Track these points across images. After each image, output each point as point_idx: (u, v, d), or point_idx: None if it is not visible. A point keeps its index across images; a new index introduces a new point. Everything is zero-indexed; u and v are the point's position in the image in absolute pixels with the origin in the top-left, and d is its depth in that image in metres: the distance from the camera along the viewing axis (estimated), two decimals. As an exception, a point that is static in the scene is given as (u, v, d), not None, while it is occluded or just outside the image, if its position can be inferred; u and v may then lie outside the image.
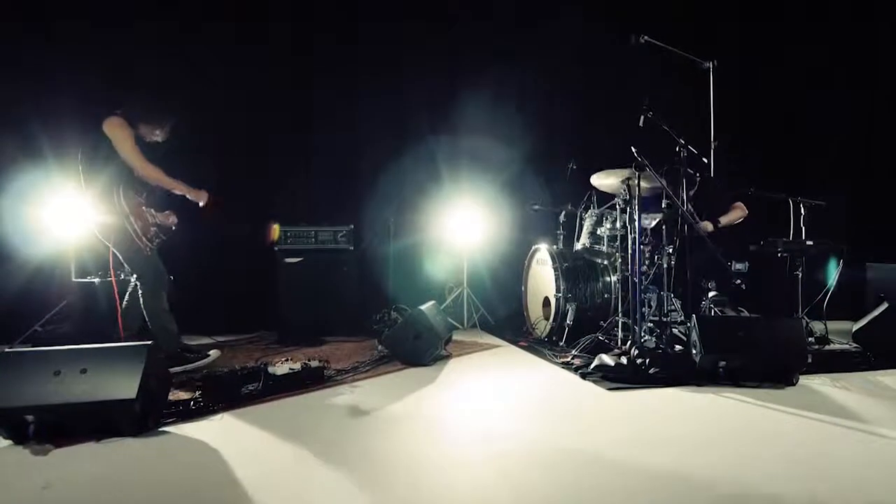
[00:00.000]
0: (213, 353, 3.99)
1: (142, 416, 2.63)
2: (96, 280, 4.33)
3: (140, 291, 3.55)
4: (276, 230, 5.24)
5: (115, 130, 3.50)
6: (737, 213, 4.71)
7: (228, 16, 5.53)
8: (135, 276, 3.60)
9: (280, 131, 5.73)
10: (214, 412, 2.96)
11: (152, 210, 3.74)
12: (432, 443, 2.62)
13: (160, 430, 2.71)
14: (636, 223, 3.87)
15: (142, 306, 3.62)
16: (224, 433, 2.70)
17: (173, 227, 3.86)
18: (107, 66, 5.07)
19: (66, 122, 4.90)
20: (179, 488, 2.14)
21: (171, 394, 3.06)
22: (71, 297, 4.70)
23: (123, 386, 2.56)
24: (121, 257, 3.54)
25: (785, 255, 4.35)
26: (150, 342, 2.74)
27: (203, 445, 2.55)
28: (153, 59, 5.21)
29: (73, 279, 4.59)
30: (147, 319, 3.66)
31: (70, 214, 4.72)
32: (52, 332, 4.48)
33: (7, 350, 2.61)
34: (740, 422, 2.82)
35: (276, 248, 5.22)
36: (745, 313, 4.83)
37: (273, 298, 5.20)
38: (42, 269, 4.89)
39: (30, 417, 2.51)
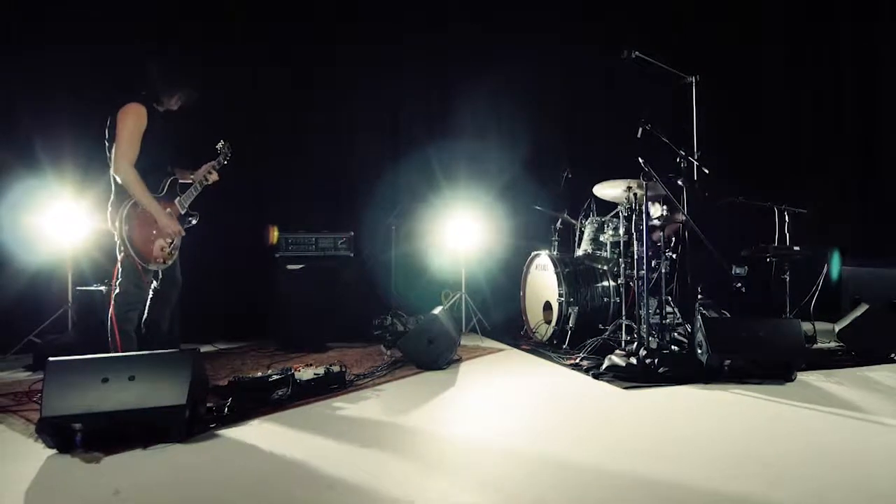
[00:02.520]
0: None
1: (189, 423, 2.65)
2: (102, 288, 4.26)
3: (112, 301, 3.23)
4: (274, 233, 5.25)
5: (128, 118, 3.17)
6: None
7: (225, 17, 5.52)
8: (116, 282, 3.26)
9: (279, 137, 5.75)
10: (251, 417, 2.99)
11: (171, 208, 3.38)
12: (482, 437, 2.72)
13: (204, 436, 2.73)
14: (643, 230, 4.07)
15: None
16: (268, 437, 2.74)
17: (226, 156, 3.61)
18: (104, 68, 5.00)
19: (63, 129, 4.84)
20: (247, 490, 2.19)
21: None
22: (73, 305, 4.62)
23: (173, 392, 2.58)
24: (118, 264, 3.25)
25: (773, 259, 4.62)
26: (195, 348, 2.76)
27: (254, 449, 2.59)
28: (149, 62, 5.16)
29: (77, 288, 4.51)
30: (110, 333, 3.22)
31: (67, 222, 4.65)
32: (53, 342, 4.38)
33: (53, 359, 2.59)
34: (758, 415, 3.03)
35: (276, 256, 5.23)
36: (727, 315, 5.11)
37: (274, 306, 5.21)
38: (39, 277, 4.79)
39: (77, 425, 2.50)
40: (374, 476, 2.30)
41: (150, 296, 3.32)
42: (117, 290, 3.25)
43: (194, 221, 3.53)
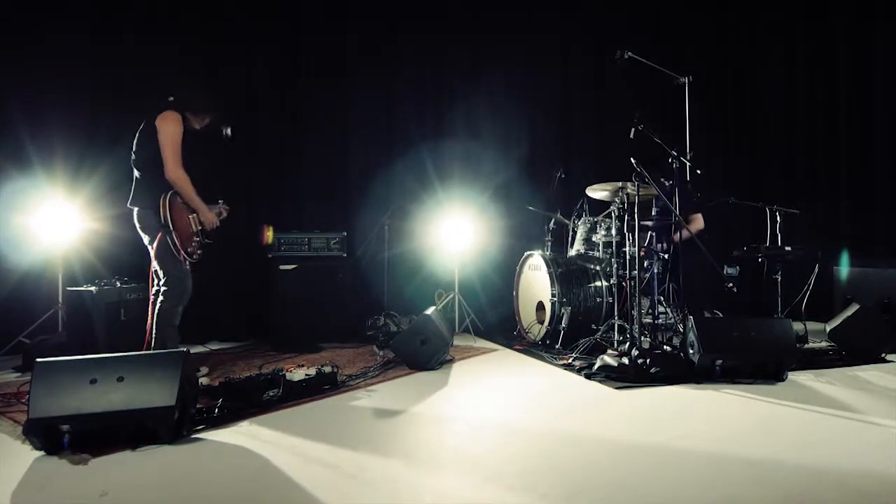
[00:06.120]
0: (203, 369, 3.96)
1: (178, 424, 2.64)
2: (93, 289, 4.23)
3: (160, 298, 3.47)
4: (269, 234, 5.22)
5: (169, 125, 3.40)
6: (695, 226, 4.93)
7: (219, 15, 5.49)
8: (161, 281, 3.49)
9: (272, 137, 5.74)
10: (241, 418, 2.98)
11: (198, 214, 3.60)
12: (473, 437, 2.72)
13: (193, 437, 2.72)
14: (634, 229, 4.08)
15: (154, 313, 3.52)
16: (258, 438, 2.72)
17: (221, 215, 3.81)
18: (97, 67, 5.01)
19: (55, 128, 4.81)
20: (236, 492, 2.18)
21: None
22: (63, 306, 4.59)
23: (161, 393, 2.57)
24: (155, 261, 3.44)
25: (765, 259, 4.64)
26: (184, 349, 2.74)
27: (243, 451, 2.58)
28: (138, 62, 5.14)
29: (67, 288, 4.47)
30: (153, 328, 3.51)
31: (58, 222, 4.62)
32: (42, 343, 4.34)
33: (41, 360, 2.57)
34: (749, 415, 3.04)
35: (269, 256, 5.21)
36: (719, 314, 5.13)
37: (267, 306, 5.20)
38: (29, 278, 4.75)
39: (65, 427, 2.48)
40: (366, 477, 2.29)
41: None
42: (165, 288, 3.46)
43: (209, 241, 3.75)
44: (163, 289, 3.47)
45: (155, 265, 3.47)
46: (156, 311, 3.47)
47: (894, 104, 5.92)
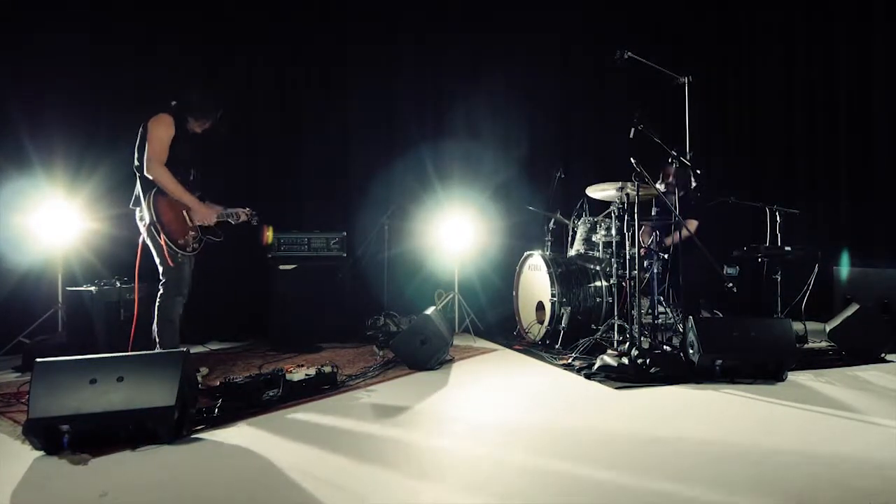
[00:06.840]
0: (203, 369, 3.97)
1: (178, 424, 2.64)
2: (93, 289, 4.24)
3: (160, 291, 3.50)
4: (269, 234, 5.20)
5: (158, 126, 3.41)
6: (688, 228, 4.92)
7: (220, 15, 5.50)
8: (160, 273, 3.52)
9: (272, 137, 5.74)
10: (241, 418, 2.98)
11: (195, 211, 3.61)
12: (473, 438, 2.72)
13: (193, 437, 2.72)
14: (633, 229, 4.09)
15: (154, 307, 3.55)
16: (257, 438, 2.73)
17: (254, 221, 3.86)
18: (97, 67, 5.01)
19: (54, 128, 4.82)
20: (235, 492, 2.18)
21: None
22: (63, 306, 4.59)
23: (161, 393, 2.57)
24: (154, 253, 3.48)
25: (765, 259, 4.64)
26: (184, 349, 2.74)
27: (242, 451, 2.58)
28: (138, 62, 5.15)
29: (67, 288, 4.48)
30: (154, 322, 3.55)
31: (58, 222, 4.62)
32: (42, 343, 4.35)
33: (41, 360, 2.57)
34: (748, 414, 3.04)
35: (269, 256, 5.21)
36: (719, 314, 5.13)
37: (266, 306, 5.20)
38: (28, 278, 4.75)
39: (65, 427, 2.48)
40: (365, 477, 2.29)
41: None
42: (162, 280, 3.51)
43: (215, 239, 3.77)
44: (161, 280, 3.51)
45: (155, 261, 3.52)
46: (156, 305, 3.53)
47: (894, 104, 5.91)
